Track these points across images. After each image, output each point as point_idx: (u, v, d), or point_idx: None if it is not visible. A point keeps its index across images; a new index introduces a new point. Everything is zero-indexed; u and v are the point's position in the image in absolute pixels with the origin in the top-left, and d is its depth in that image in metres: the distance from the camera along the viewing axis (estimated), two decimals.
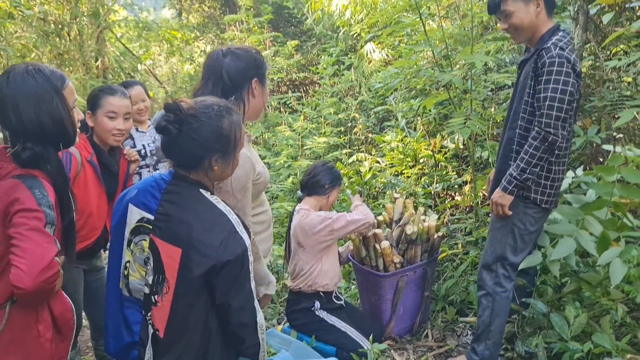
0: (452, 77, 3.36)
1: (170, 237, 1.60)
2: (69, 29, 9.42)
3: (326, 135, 6.22)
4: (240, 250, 1.58)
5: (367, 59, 7.80)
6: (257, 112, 2.15)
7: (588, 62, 3.80)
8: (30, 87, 1.61)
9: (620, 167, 2.41)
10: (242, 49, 2.11)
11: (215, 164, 1.65)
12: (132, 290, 1.70)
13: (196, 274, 1.55)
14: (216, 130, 1.62)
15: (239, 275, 1.60)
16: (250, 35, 9.21)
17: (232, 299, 1.60)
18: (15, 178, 1.58)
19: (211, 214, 1.62)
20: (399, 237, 2.98)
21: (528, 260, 2.49)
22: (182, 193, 1.65)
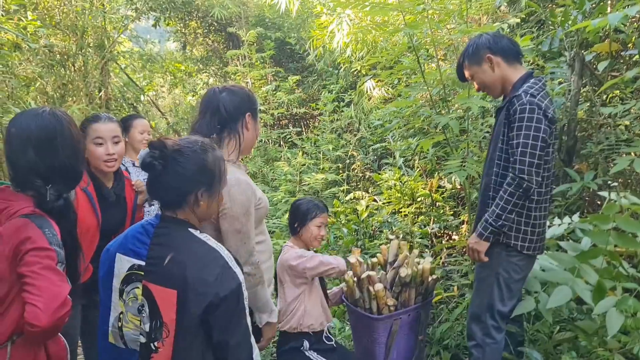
0: (449, 120, 3.39)
1: (164, 280, 1.59)
2: (74, 60, 9.55)
3: (324, 172, 6.24)
4: (235, 285, 1.58)
5: (367, 95, 7.89)
6: (250, 144, 2.29)
7: (584, 107, 3.84)
8: (74, 133, 1.77)
9: (615, 216, 2.40)
10: (236, 86, 2.28)
11: (201, 199, 1.66)
12: (128, 341, 1.67)
13: (194, 313, 1.54)
14: (201, 164, 1.65)
15: (236, 310, 1.59)
16: (252, 69, 9.34)
17: (229, 336, 1.58)
18: (24, 217, 1.61)
19: (203, 251, 1.62)
20: (393, 279, 2.95)
21: (521, 307, 2.46)
22: (172, 234, 1.65)
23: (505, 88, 2.56)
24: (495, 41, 2.54)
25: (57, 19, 9.21)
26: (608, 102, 3.88)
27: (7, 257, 1.55)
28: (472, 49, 2.58)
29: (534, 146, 2.30)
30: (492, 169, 2.53)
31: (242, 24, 10.86)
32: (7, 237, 1.57)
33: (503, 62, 2.53)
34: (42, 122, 1.72)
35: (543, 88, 2.45)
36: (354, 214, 4.81)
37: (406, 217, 4.90)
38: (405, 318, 2.91)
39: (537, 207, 2.45)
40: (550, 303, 2.41)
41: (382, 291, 2.84)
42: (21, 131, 1.71)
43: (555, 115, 2.45)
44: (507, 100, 2.47)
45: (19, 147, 1.70)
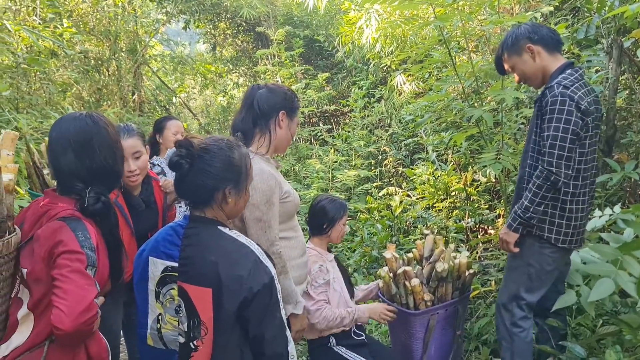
0: (482, 112, 3.34)
1: (198, 279, 1.61)
2: (108, 64, 9.78)
3: (356, 168, 6.22)
4: (267, 279, 1.61)
5: (398, 91, 7.84)
6: (283, 143, 2.31)
7: (623, 95, 3.73)
8: (111, 131, 1.81)
9: None
10: (276, 85, 2.32)
11: (228, 196, 1.69)
12: (167, 342, 1.71)
13: (230, 310, 1.57)
14: (227, 160, 1.67)
15: (269, 304, 1.62)
16: (281, 68, 9.38)
17: (265, 330, 1.61)
18: (60, 220, 1.65)
19: (234, 248, 1.64)
20: (430, 274, 2.93)
21: (562, 301, 2.40)
22: (201, 234, 1.68)
23: (545, 78, 2.52)
24: (535, 30, 2.51)
25: (90, 25, 9.44)
26: None
27: (43, 259, 1.59)
28: (511, 40, 2.55)
29: (564, 139, 2.27)
30: (525, 161, 2.52)
31: (270, 23, 10.94)
32: (43, 240, 1.61)
33: (544, 52, 2.49)
34: (80, 124, 1.76)
35: (580, 79, 2.40)
36: (388, 210, 4.79)
37: (440, 212, 4.85)
38: (442, 313, 2.89)
39: (573, 199, 2.42)
40: (592, 296, 2.34)
41: (419, 286, 2.82)
42: (60, 135, 1.75)
43: (592, 106, 2.40)
44: (542, 91, 2.45)
45: (59, 151, 1.74)
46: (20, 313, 1.65)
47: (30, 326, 1.64)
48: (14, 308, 1.66)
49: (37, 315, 1.64)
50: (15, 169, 1.73)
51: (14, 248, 1.65)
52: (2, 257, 1.63)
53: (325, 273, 2.77)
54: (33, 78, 7.07)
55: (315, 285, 2.73)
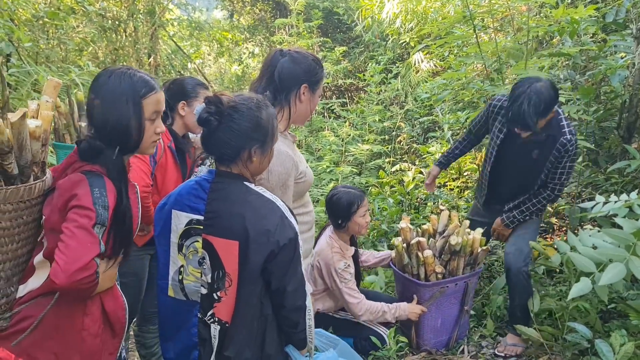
0: (504, 90, 3.31)
1: (224, 232, 1.65)
2: (126, 25, 9.72)
3: (370, 143, 6.21)
4: (293, 234, 1.65)
5: (415, 68, 7.76)
6: (302, 117, 2.18)
7: None
8: (112, 88, 1.64)
9: None
10: (301, 53, 2.13)
11: (254, 155, 1.70)
12: (189, 293, 1.74)
13: (256, 262, 1.62)
14: (255, 121, 1.68)
15: (293, 258, 1.67)
16: (299, 39, 9.30)
17: (287, 283, 1.67)
18: (82, 173, 1.62)
19: (260, 203, 1.67)
20: (442, 247, 2.95)
21: (577, 289, 2.41)
22: (228, 188, 1.70)
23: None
24: (557, 91, 2.76)
25: None
26: None
27: (59, 210, 1.58)
28: (544, 107, 2.66)
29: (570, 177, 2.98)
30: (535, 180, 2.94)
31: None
32: (62, 190, 1.59)
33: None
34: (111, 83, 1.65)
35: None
36: (400, 185, 4.80)
37: (452, 190, 4.85)
38: (452, 287, 2.92)
39: None
40: (604, 280, 2.35)
41: (431, 257, 2.84)
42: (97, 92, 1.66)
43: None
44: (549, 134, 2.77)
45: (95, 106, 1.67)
46: (37, 259, 1.66)
47: (47, 272, 1.64)
48: (36, 252, 1.68)
49: (52, 262, 1.64)
50: (47, 117, 1.73)
51: (37, 194, 1.64)
52: (24, 202, 1.63)
53: (350, 268, 2.81)
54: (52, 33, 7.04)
55: (346, 282, 2.76)
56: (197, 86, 2.69)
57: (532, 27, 3.83)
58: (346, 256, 2.82)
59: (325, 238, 2.86)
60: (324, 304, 2.91)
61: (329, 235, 2.87)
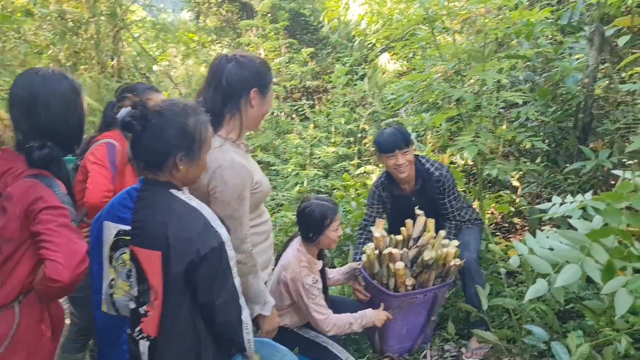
0: (463, 93, 3.32)
1: (148, 242, 1.60)
2: (86, 27, 9.50)
3: (336, 145, 6.18)
4: (216, 243, 1.59)
5: (382, 69, 7.77)
6: (255, 122, 2.13)
7: (603, 83, 3.74)
8: (64, 89, 1.72)
9: (629, 195, 2.34)
10: (247, 57, 2.08)
11: (180, 163, 1.64)
12: (119, 308, 1.68)
13: (178, 273, 1.56)
14: (180, 127, 1.63)
15: (219, 269, 1.60)
16: (265, 41, 9.24)
17: (215, 296, 1.60)
18: (31, 177, 1.62)
19: (184, 210, 1.62)
20: (415, 258, 2.91)
21: (533, 290, 2.42)
22: (153, 196, 1.65)
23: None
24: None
25: None
26: (627, 79, 3.77)
27: (18, 217, 1.56)
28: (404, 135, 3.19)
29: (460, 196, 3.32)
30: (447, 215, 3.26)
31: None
32: (17, 198, 1.57)
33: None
34: (26, 81, 1.70)
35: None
36: (364, 188, 4.77)
37: None
38: (420, 297, 2.90)
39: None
40: (559, 281, 2.37)
41: (402, 270, 2.81)
42: (12, 91, 1.71)
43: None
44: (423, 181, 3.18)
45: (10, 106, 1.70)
46: None
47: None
48: None
49: (4, 274, 1.60)
50: None
51: None
52: None
53: (317, 283, 2.71)
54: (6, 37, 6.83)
55: (313, 297, 2.66)
56: (148, 90, 2.62)
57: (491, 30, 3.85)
58: (314, 270, 2.73)
59: (292, 251, 2.74)
60: (290, 319, 2.81)
61: (297, 249, 2.74)
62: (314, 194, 4.73)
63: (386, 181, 3.32)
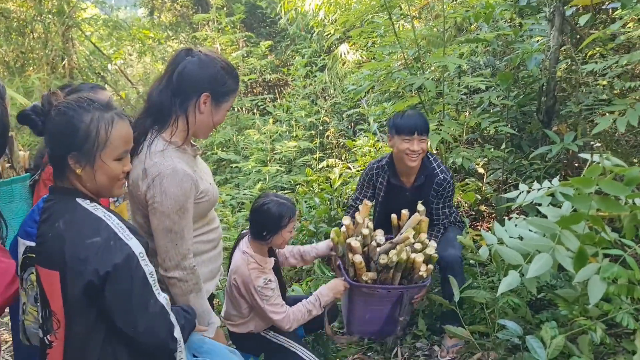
0: (424, 80, 3.19)
1: (47, 261, 1.37)
2: (33, 26, 9.06)
3: (297, 139, 6.02)
4: (120, 259, 1.34)
5: (341, 60, 7.63)
6: (204, 130, 1.91)
7: (563, 65, 3.67)
8: None
9: (599, 179, 2.25)
10: (211, 57, 1.86)
11: (75, 166, 1.41)
12: (30, 336, 1.48)
13: (76, 297, 1.33)
14: (72, 123, 1.41)
15: (132, 289, 1.35)
16: (221, 35, 8.98)
17: (136, 322, 1.37)
18: None
19: (85, 222, 1.39)
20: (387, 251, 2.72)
21: (506, 283, 2.31)
22: (56, 206, 1.43)
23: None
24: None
25: None
26: (588, 59, 3.71)
27: None
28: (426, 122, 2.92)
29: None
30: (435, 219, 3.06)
31: None
32: None
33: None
34: None
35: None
36: (327, 183, 4.63)
37: None
38: (384, 293, 2.75)
39: None
40: (531, 272, 2.27)
41: (360, 264, 2.66)
42: None
43: None
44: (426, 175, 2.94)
45: None
46: None
47: None
48: None
49: None
50: None
51: None
52: None
53: (271, 283, 2.54)
54: None
55: (268, 299, 2.51)
56: (93, 89, 2.41)
57: (450, 14, 3.74)
58: (266, 270, 2.57)
59: (239, 254, 2.57)
60: (255, 325, 2.65)
61: (244, 251, 2.57)
62: (275, 192, 4.56)
63: (386, 166, 3.04)
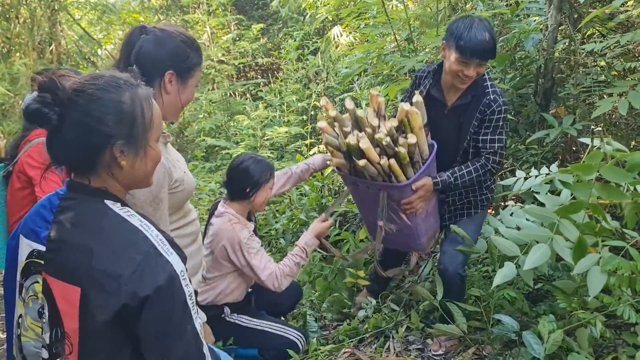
0: (416, 62, 3.04)
1: (65, 273, 1.16)
2: (18, 11, 8.83)
3: (288, 125, 5.87)
4: (163, 280, 1.14)
5: (334, 43, 7.46)
6: (173, 112, 1.78)
7: (562, 45, 3.52)
8: None
9: (599, 165, 2.12)
10: (167, 31, 1.71)
11: (120, 157, 1.21)
12: (27, 356, 1.25)
13: (101, 321, 1.12)
14: (114, 106, 1.19)
15: (172, 315, 1.16)
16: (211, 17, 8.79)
17: (170, 353, 1.16)
18: None
19: (120, 232, 1.18)
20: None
21: (501, 275, 2.20)
22: (79, 209, 1.21)
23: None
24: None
25: None
26: (587, 39, 3.57)
27: None
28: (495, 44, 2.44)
29: (505, 145, 2.61)
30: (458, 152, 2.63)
31: None
32: None
33: None
34: None
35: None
36: None
37: None
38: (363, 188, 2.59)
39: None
40: (528, 264, 2.16)
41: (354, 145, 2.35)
42: None
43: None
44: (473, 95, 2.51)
45: None
46: None
47: None
48: None
49: None
50: None
51: None
52: None
53: (255, 237, 2.52)
54: None
55: (255, 252, 2.46)
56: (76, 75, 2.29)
57: None
58: (248, 226, 2.53)
59: (217, 218, 2.52)
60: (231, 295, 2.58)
61: (222, 212, 2.52)
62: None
63: (432, 73, 2.65)
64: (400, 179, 2.46)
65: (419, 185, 2.49)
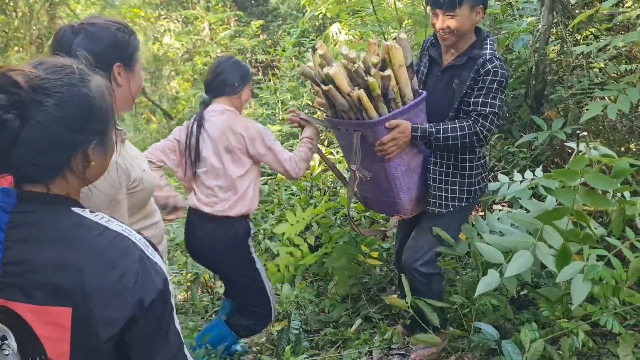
0: None
1: (43, 296, 1.02)
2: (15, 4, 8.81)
3: (282, 123, 5.82)
4: (161, 283, 1.08)
5: (333, 40, 7.40)
6: (127, 102, 1.71)
7: (555, 46, 3.46)
8: None
9: (584, 170, 2.07)
10: (99, 25, 1.61)
11: (92, 156, 1.08)
12: None
13: (106, 337, 1.03)
14: (85, 102, 1.04)
15: (163, 317, 1.10)
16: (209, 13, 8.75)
17: (156, 355, 1.10)
18: None
19: (106, 242, 1.06)
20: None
21: (485, 284, 2.14)
22: (43, 221, 1.05)
23: (464, 43, 2.45)
24: None
25: None
26: (581, 41, 3.50)
27: None
28: None
29: (498, 112, 2.40)
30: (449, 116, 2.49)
31: None
32: None
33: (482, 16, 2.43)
34: None
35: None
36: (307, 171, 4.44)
37: None
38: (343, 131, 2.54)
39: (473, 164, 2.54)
40: (510, 271, 2.11)
41: None
42: None
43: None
44: (469, 57, 2.42)
45: None
46: None
47: None
48: None
49: None
50: None
51: None
52: None
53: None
54: None
55: (273, 139, 2.49)
56: None
57: None
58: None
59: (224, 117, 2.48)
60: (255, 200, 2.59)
61: (221, 110, 2.50)
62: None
63: (433, 39, 2.62)
64: (371, 113, 2.34)
65: (392, 124, 2.36)
